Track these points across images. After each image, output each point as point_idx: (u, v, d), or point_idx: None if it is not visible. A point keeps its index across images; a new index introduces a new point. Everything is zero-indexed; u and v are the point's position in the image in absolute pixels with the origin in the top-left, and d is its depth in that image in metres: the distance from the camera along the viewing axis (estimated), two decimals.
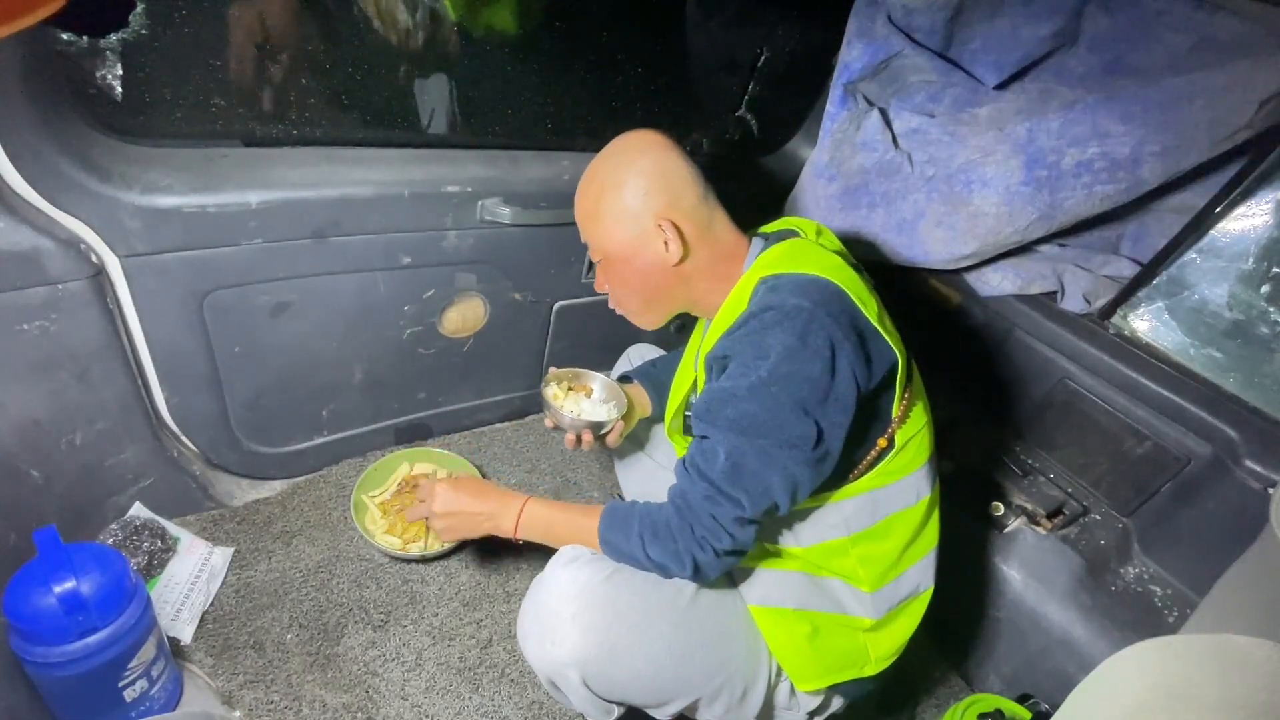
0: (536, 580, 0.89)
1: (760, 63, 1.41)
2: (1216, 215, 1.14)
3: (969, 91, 1.29)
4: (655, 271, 0.90)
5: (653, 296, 0.94)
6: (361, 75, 1.09)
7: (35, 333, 0.94)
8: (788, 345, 0.75)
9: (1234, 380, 1.17)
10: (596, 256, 0.94)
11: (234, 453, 1.26)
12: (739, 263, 0.91)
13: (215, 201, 1.00)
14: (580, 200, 0.93)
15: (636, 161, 0.88)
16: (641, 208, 0.87)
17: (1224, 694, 0.42)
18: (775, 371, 0.75)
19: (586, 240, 0.94)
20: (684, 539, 0.81)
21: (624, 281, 0.93)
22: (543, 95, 1.26)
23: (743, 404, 0.77)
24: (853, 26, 1.34)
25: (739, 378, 0.78)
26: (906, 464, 0.88)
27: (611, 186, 0.88)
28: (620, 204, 0.88)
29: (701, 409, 0.82)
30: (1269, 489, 1.05)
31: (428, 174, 1.16)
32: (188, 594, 1.10)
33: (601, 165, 0.91)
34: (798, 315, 0.75)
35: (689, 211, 0.88)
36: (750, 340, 0.78)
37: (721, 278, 0.91)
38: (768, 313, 0.77)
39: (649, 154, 0.88)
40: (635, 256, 0.89)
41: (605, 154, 0.92)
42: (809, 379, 0.75)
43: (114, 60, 0.91)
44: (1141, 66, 1.14)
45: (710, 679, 0.86)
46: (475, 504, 0.96)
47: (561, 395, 1.12)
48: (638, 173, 0.87)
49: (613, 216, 0.88)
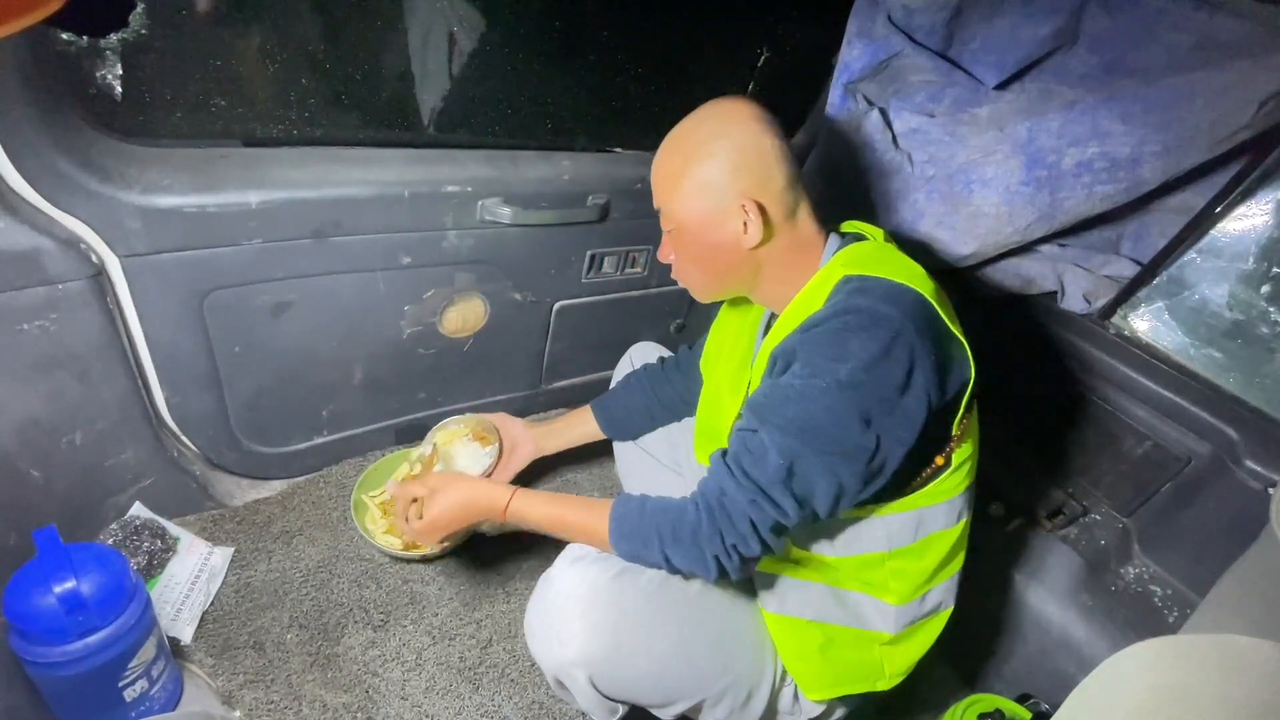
0: (543, 578, 0.89)
1: (760, 63, 1.41)
2: (1216, 215, 1.14)
3: (969, 91, 1.29)
4: (728, 251, 0.85)
5: (719, 275, 0.90)
6: (361, 75, 1.09)
7: (35, 333, 0.94)
8: (870, 353, 0.71)
9: (1234, 380, 1.17)
10: (668, 226, 0.89)
11: (234, 453, 1.26)
12: (815, 256, 0.87)
13: (215, 201, 1.00)
14: (661, 164, 0.88)
15: (730, 133, 0.83)
16: (727, 184, 0.82)
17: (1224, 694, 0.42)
18: (852, 378, 0.71)
19: (660, 206, 0.89)
20: (711, 545, 0.77)
21: (692, 255, 0.89)
22: (543, 95, 1.26)
23: (809, 405, 0.72)
24: (853, 26, 1.34)
25: (809, 377, 0.73)
26: (956, 484, 0.86)
27: (699, 156, 0.83)
28: (705, 176, 0.83)
29: (759, 402, 0.78)
30: (1269, 489, 1.05)
31: (428, 174, 1.15)
32: (188, 594, 1.10)
33: (691, 131, 0.86)
34: (885, 323, 0.72)
35: (776, 194, 0.83)
36: (829, 340, 0.73)
37: (795, 269, 0.87)
38: (851, 315, 0.73)
39: (744, 126, 0.83)
40: (710, 232, 0.85)
41: (696, 120, 0.86)
42: (883, 391, 0.71)
43: (114, 60, 0.91)
44: (1142, 66, 1.14)
45: (716, 681, 0.86)
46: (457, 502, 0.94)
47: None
48: (729, 146, 0.82)
49: (695, 187, 0.84)
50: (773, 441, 0.74)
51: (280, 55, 1.01)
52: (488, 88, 1.22)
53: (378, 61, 1.11)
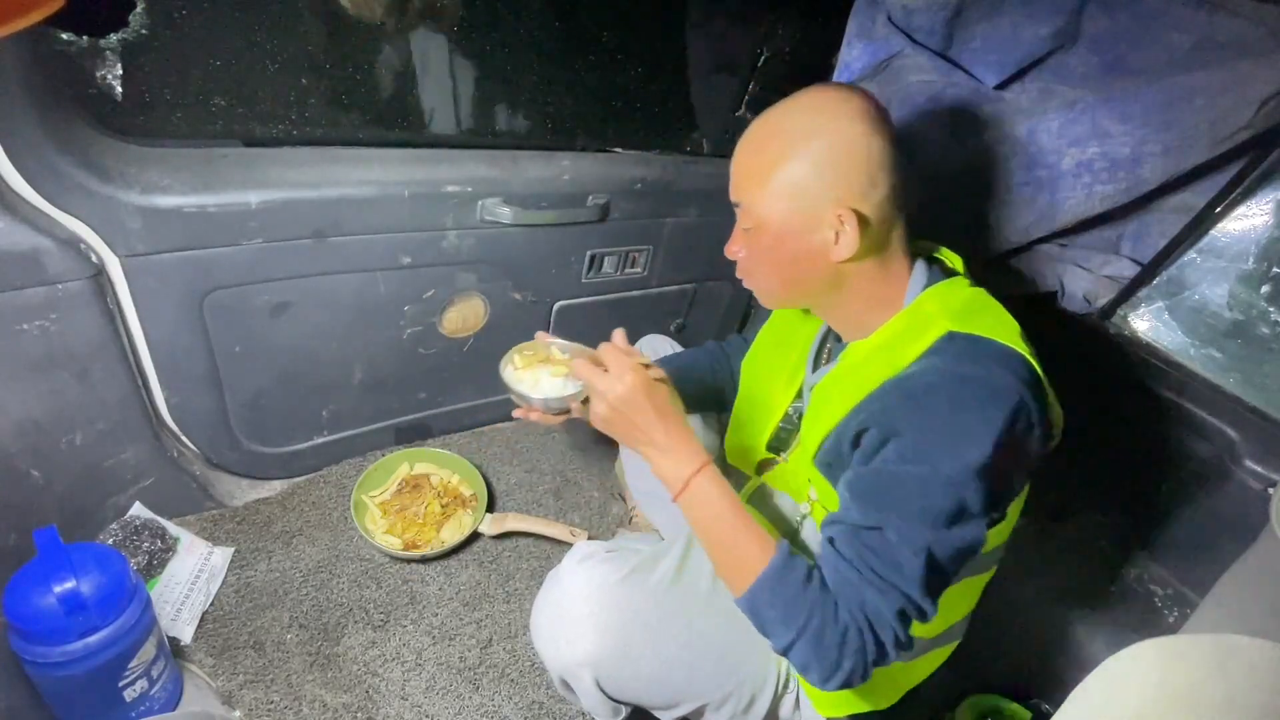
0: (551, 575, 0.88)
1: (760, 63, 1.41)
2: (1216, 215, 1.14)
3: (969, 91, 1.29)
4: (810, 260, 0.76)
5: (793, 283, 0.81)
6: (362, 75, 1.09)
7: (35, 333, 0.94)
8: (996, 431, 0.66)
9: (1234, 380, 1.17)
10: (746, 223, 0.79)
11: (234, 453, 1.26)
12: (901, 287, 0.79)
13: (215, 201, 1.00)
14: (749, 153, 0.77)
15: (833, 129, 0.72)
16: (824, 187, 0.72)
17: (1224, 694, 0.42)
18: (981, 462, 0.65)
19: (739, 199, 0.79)
20: (854, 658, 0.68)
21: (768, 259, 0.79)
22: (543, 95, 1.26)
23: (938, 498, 0.66)
24: (853, 26, 1.34)
25: (933, 464, 0.66)
26: (1004, 530, 0.83)
27: (795, 151, 0.73)
28: (800, 174, 0.73)
29: (871, 491, 0.70)
30: (1269, 489, 1.05)
31: (428, 174, 1.15)
32: (188, 594, 1.10)
33: (788, 120, 0.75)
34: (1005, 396, 0.67)
35: (876, 205, 0.73)
36: (948, 418, 0.67)
37: (878, 295, 0.79)
38: (969, 387, 0.67)
39: (851, 124, 0.72)
40: (794, 238, 0.75)
41: (796, 108, 0.75)
42: (1006, 468, 0.67)
43: (114, 60, 0.91)
44: (1142, 66, 1.14)
45: (721, 685, 0.85)
46: (657, 424, 0.77)
47: (521, 367, 0.95)
48: (831, 144, 0.72)
49: (786, 186, 0.73)
50: (904, 539, 0.67)
51: (280, 55, 1.01)
52: (488, 88, 1.22)
53: (377, 61, 1.11)
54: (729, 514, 0.76)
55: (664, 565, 0.88)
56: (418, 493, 1.33)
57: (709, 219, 1.49)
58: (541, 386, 0.93)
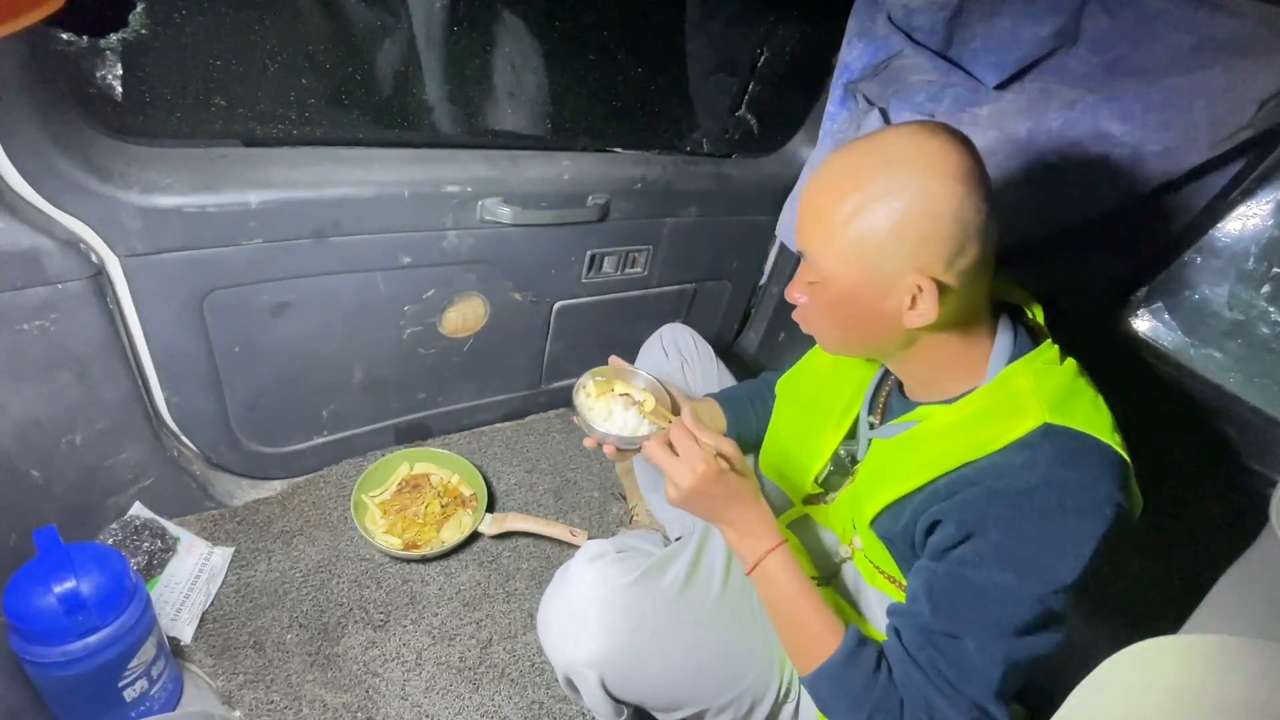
0: (562, 572, 0.88)
1: (760, 63, 1.41)
2: (1216, 215, 1.14)
3: (969, 91, 1.29)
4: (880, 322, 0.70)
5: (858, 340, 0.76)
6: (361, 75, 1.09)
7: (35, 333, 0.94)
8: (1093, 543, 0.63)
9: (1234, 380, 1.17)
10: (812, 276, 0.72)
11: (234, 453, 1.26)
12: (984, 348, 0.74)
13: (215, 201, 1.00)
14: (822, 201, 0.69)
15: (923, 191, 0.63)
16: (905, 254, 0.65)
17: (1224, 694, 0.42)
18: (1074, 574, 0.63)
19: (805, 249, 0.72)
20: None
21: (831, 314, 0.74)
22: (543, 95, 1.26)
23: (1021, 609, 0.64)
24: (853, 26, 1.34)
25: (1018, 573, 0.63)
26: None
27: (877, 209, 0.64)
28: (879, 236, 0.65)
29: (946, 594, 0.67)
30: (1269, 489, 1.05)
31: (428, 174, 1.15)
32: (188, 594, 1.10)
33: (874, 171, 0.65)
34: (1104, 506, 0.63)
35: (959, 274, 0.66)
36: (1039, 525, 0.63)
37: (958, 359, 0.74)
38: (1069, 496, 0.63)
39: (947, 185, 0.63)
40: (866, 300, 0.69)
41: (885, 155, 0.66)
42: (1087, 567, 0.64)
43: (114, 60, 0.91)
44: (1142, 66, 1.14)
45: (724, 691, 0.85)
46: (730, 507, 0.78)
47: (594, 396, 0.96)
48: (922, 207, 0.63)
49: (862, 245, 0.66)
50: (981, 649, 0.64)
51: (280, 55, 1.01)
52: (488, 88, 1.22)
53: (377, 61, 1.11)
54: (798, 595, 0.75)
55: (674, 570, 0.87)
56: (418, 493, 1.33)
57: (709, 219, 1.49)
58: (614, 420, 0.92)
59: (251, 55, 0.99)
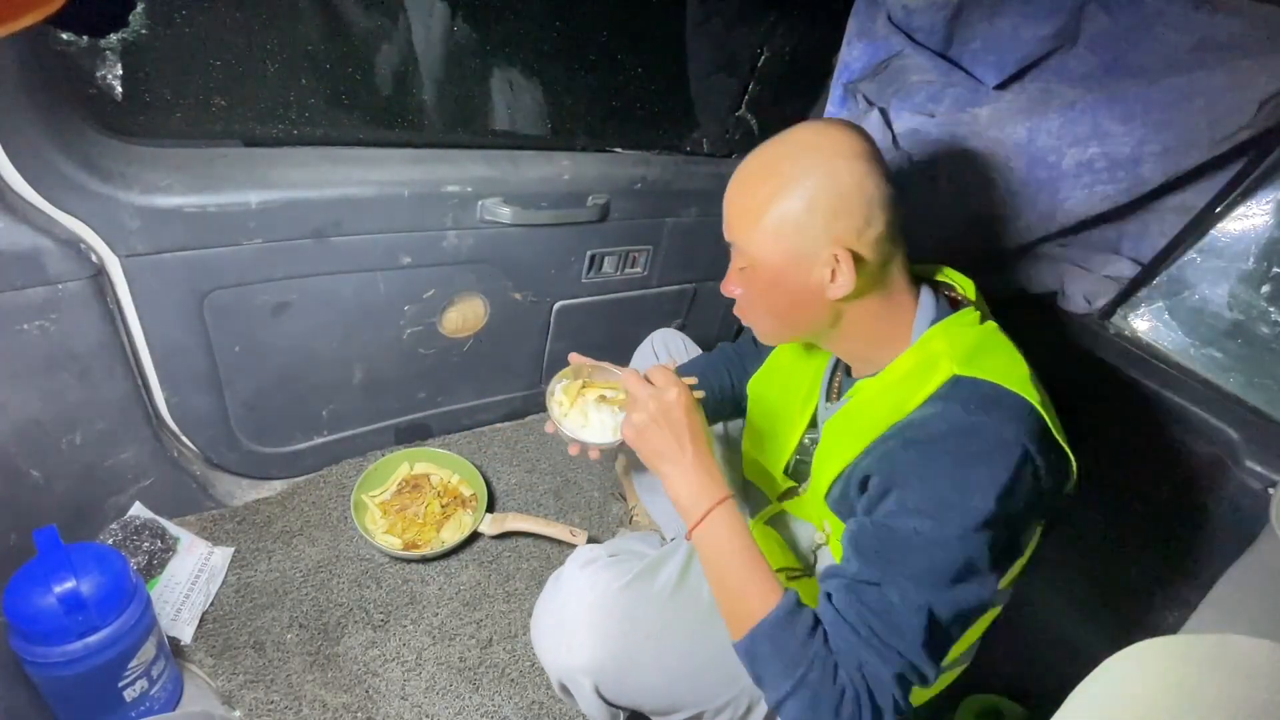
0: (553, 579, 0.88)
1: (760, 63, 1.41)
2: (1216, 215, 1.14)
3: (969, 91, 1.29)
4: (808, 299, 0.75)
5: (791, 322, 0.81)
6: (361, 75, 1.09)
7: (35, 333, 0.94)
8: (1000, 484, 0.64)
9: (1234, 380, 1.17)
10: (741, 262, 0.78)
11: (234, 453, 1.26)
12: (907, 317, 0.78)
13: (215, 201, 1.00)
14: (741, 192, 0.76)
15: (829, 169, 0.71)
16: (820, 227, 0.71)
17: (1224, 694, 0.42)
18: (984, 517, 0.64)
19: (734, 239, 0.78)
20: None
21: (764, 298, 0.79)
22: (543, 95, 1.26)
23: (939, 555, 0.65)
24: (853, 26, 1.34)
25: (935, 521, 0.65)
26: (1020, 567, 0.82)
27: (790, 191, 0.71)
28: (795, 214, 0.71)
29: (870, 547, 0.68)
30: (1269, 489, 1.05)
31: (428, 174, 1.15)
32: (188, 594, 1.10)
33: (783, 160, 0.73)
34: (1010, 449, 0.65)
35: (872, 243, 0.72)
36: (950, 471, 0.66)
37: (882, 329, 0.78)
38: (975, 438, 0.66)
39: (848, 161, 0.71)
40: (790, 278, 0.74)
41: (790, 146, 0.74)
42: (1011, 520, 0.66)
43: (114, 60, 0.91)
44: (1142, 66, 1.14)
45: (719, 694, 0.85)
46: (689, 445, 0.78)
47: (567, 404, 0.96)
48: (829, 183, 0.70)
49: (780, 226, 0.72)
50: (904, 599, 0.65)
51: (280, 55, 1.01)
52: (488, 88, 1.22)
53: (377, 61, 1.11)
54: (743, 552, 0.74)
55: (666, 573, 0.88)
56: (418, 493, 1.33)
57: (709, 219, 1.49)
58: (591, 424, 0.93)
59: (251, 55, 0.99)
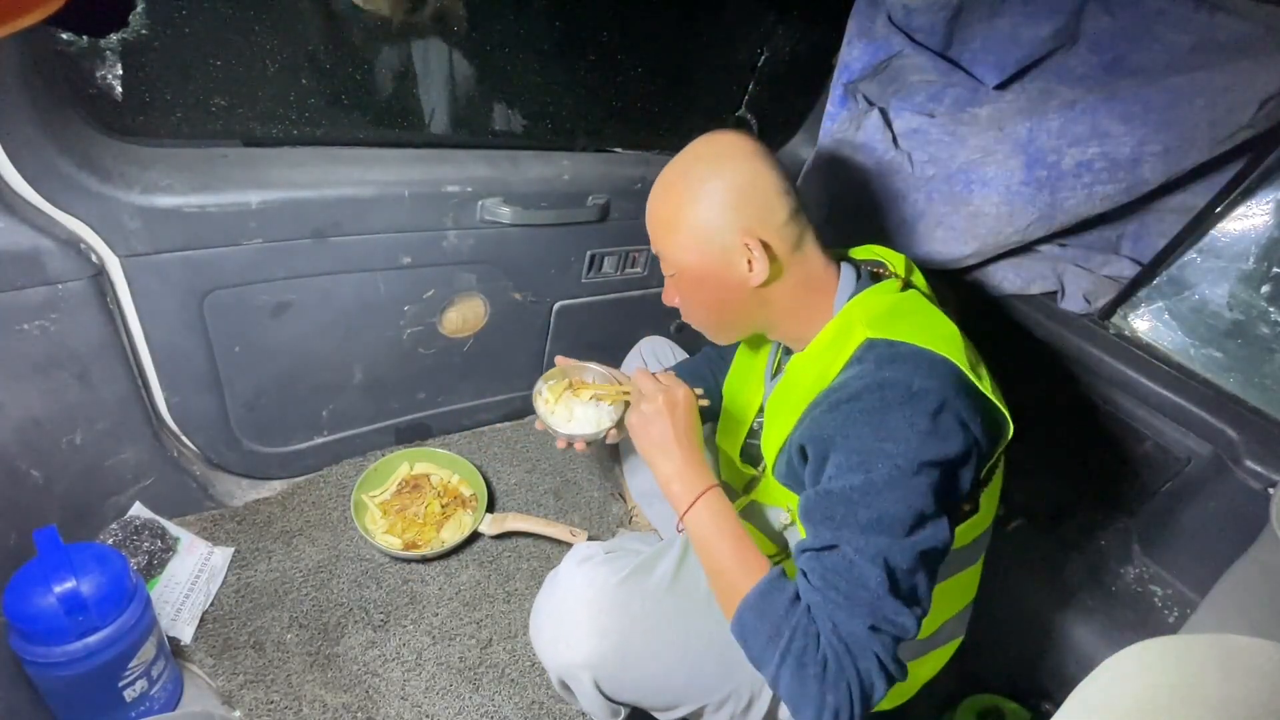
0: (550, 577, 0.89)
1: (760, 63, 1.41)
2: (1216, 215, 1.15)
3: (969, 91, 1.29)
4: (734, 292, 0.81)
5: (728, 317, 0.86)
6: (361, 75, 1.09)
7: (35, 333, 0.94)
8: (920, 429, 0.66)
9: (1234, 380, 1.17)
10: (669, 270, 0.85)
11: (234, 453, 1.26)
12: (828, 293, 0.83)
13: (215, 201, 1.00)
14: (656, 207, 0.84)
15: (725, 169, 0.78)
16: (727, 222, 0.77)
17: (1224, 694, 0.42)
18: (914, 461, 0.66)
19: (658, 251, 0.85)
20: (836, 692, 0.67)
21: (698, 299, 0.85)
22: (543, 95, 1.26)
23: (878, 501, 0.67)
24: (853, 26, 1.34)
25: (864, 471, 0.67)
26: (981, 521, 0.84)
27: (695, 196, 0.79)
28: (703, 216, 0.78)
29: (819, 511, 0.71)
30: (1269, 489, 1.05)
31: (428, 174, 1.15)
32: (188, 594, 1.10)
33: (684, 170, 0.81)
34: (926, 396, 0.67)
35: (778, 229, 0.78)
36: (868, 421, 0.68)
37: (808, 306, 0.83)
38: (888, 390, 0.68)
39: (740, 162, 0.79)
40: (714, 275, 0.80)
41: (688, 158, 0.82)
42: (944, 462, 0.68)
43: (114, 60, 0.91)
44: (1142, 66, 1.14)
45: (720, 686, 0.85)
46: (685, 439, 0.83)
47: (553, 401, 1.01)
48: (727, 182, 0.78)
49: (693, 229, 0.79)
50: (858, 551, 0.67)
51: (280, 55, 1.01)
52: (488, 88, 1.22)
53: (377, 61, 1.11)
54: (730, 534, 0.78)
55: (662, 567, 0.88)
56: (418, 493, 1.33)
57: None
58: (576, 418, 0.98)
59: (251, 55, 0.99)
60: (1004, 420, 0.76)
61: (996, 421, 0.75)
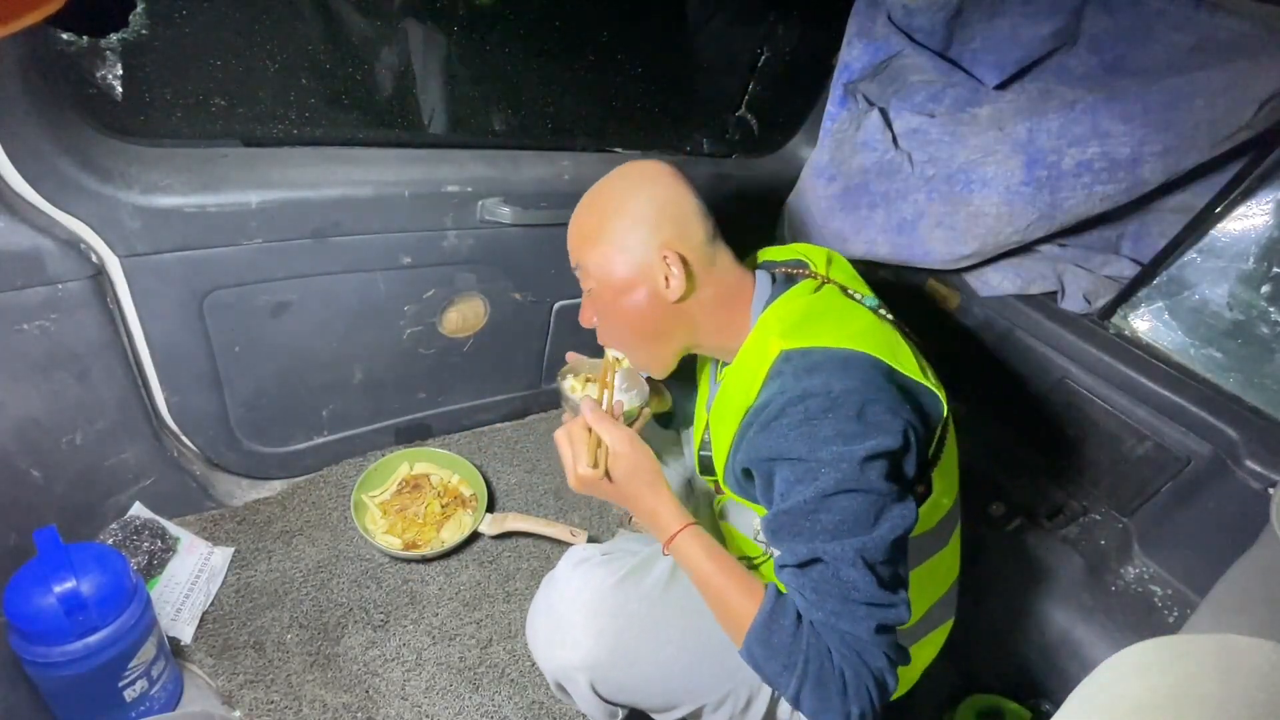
0: (547, 579, 0.89)
1: (760, 63, 1.41)
2: (1216, 215, 1.14)
3: (969, 91, 1.29)
4: (654, 307, 0.84)
5: (649, 335, 0.87)
6: (361, 75, 1.09)
7: (35, 333, 0.94)
8: (850, 429, 0.67)
9: (1234, 380, 1.17)
10: (588, 285, 0.88)
11: (234, 453, 1.26)
12: (745, 305, 0.85)
13: (215, 201, 1.00)
14: (580, 220, 0.87)
15: (644, 189, 0.83)
16: (646, 237, 0.81)
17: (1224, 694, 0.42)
18: (853, 457, 0.67)
19: (577, 262, 0.88)
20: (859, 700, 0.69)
21: (617, 316, 0.87)
22: (543, 95, 1.26)
23: (838, 503, 0.68)
24: (853, 26, 1.34)
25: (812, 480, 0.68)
26: (940, 502, 0.84)
27: (615, 212, 0.83)
28: (623, 231, 0.82)
29: (785, 530, 0.72)
30: (1269, 489, 1.05)
31: (428, 174, 1.15)
32: (188, 594, 1.10)
33: (605, 190, 0.86)
34: (849, 398, 0.68)
35: (695, 246, 0.82)
36: (799, 435, 0.69)
37: (728, 320, 0.85)
38: (811, 400, 0.69)
39: (658, 182, 0.84)
40: (632, 289, 0.83)
41: (610, 180, 0.87)
42: (885, 453, 0.68)
43: (114, 60, 0.91)
44: (1142, 66, 1.14)
45: (717, 687, 0.85)
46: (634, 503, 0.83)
47: (579, 387, 1.05)
48: (645, 200, 0.82)
49: (613, 243, 0.83)
50: (836, 558, 0.68)
51: (280, 55, 1.01)
52: (488, 88, 1.22)
53: (377, 61, 1.11)
54: (715, 569, 0.77)
55: (659, 568, 0.88)
56: (418, 493, 1.33)
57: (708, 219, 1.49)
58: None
59: (251, 55, 0.99)
60: (935, 397, 0.76)
61: (928, 400, 0.76)
